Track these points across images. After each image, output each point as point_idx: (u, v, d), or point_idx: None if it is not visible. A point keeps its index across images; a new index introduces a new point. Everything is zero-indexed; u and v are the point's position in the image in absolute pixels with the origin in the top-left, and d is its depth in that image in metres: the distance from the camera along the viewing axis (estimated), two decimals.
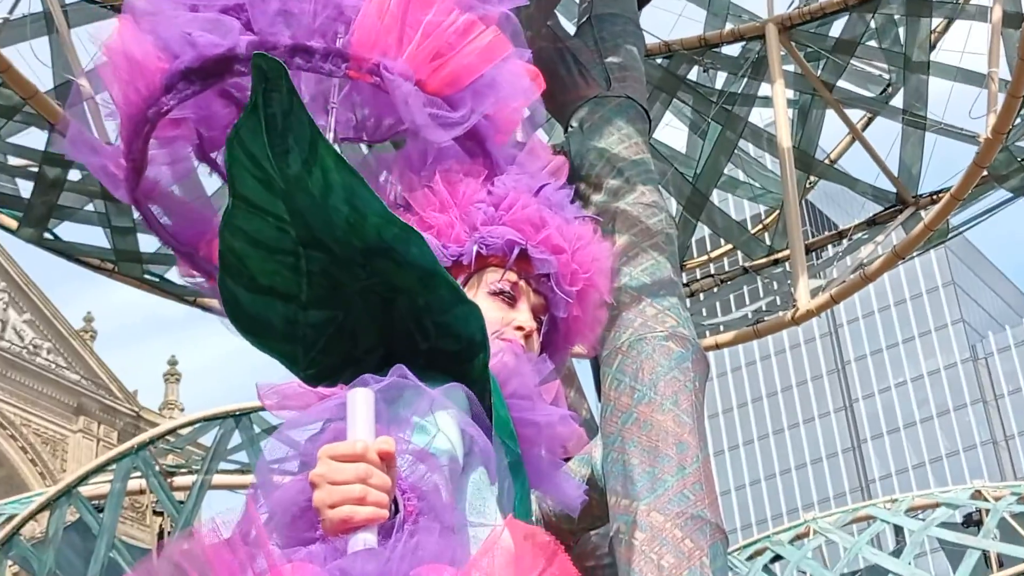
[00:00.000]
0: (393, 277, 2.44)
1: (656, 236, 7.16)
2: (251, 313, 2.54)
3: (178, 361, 43.36)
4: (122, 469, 17.39)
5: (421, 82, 2.77)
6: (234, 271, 2.49)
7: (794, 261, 12.39)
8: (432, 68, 2.78)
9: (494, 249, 2.70)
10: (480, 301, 2.63)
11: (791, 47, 13.18)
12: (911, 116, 13.51)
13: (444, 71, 2.78)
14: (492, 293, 2.69)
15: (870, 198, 14.25)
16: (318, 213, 2.39)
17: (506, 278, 2.70)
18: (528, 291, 2.71)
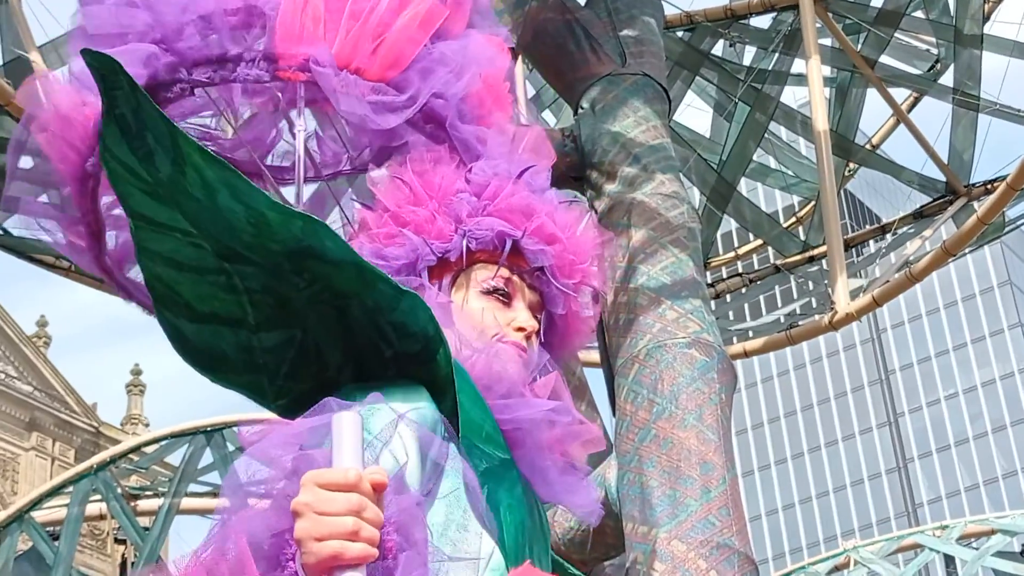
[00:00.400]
0: (332, 280, 2.44)
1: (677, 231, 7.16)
2: (200, 346, 2.55)
3: (142, 371, 43.41)
4: (80, 491, 17.37)
5: (360, 70, 2.80)
6: (168, 301, 2.50)
7: (831, 258, 12.38)
8: (368, 52, 2.80)
9: (483, 243, 2.68)
10: (473, 302, 2.65)
11: (828, 18, 13.18)
12: (962, 96, 13.51)
13: (382, 52, 2.80)
14: (485, 292, 2.68)
15: (916, 188, 14.25)
16: (213, 218, 2.39)
17: (499, 275, 2.69)
18: (523, 287, 2.71)
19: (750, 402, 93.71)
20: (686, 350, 6.59)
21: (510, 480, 2.49)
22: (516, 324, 2.66)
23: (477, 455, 2.43)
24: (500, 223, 2.68)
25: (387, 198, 2.71)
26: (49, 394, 39.50)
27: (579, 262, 2.73)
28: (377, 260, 2.61)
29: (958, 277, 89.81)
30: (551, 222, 2.71)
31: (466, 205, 2.69)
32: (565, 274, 2.72)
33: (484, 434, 2.45)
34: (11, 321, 39.32)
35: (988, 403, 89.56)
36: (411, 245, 2.65)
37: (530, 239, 2.69)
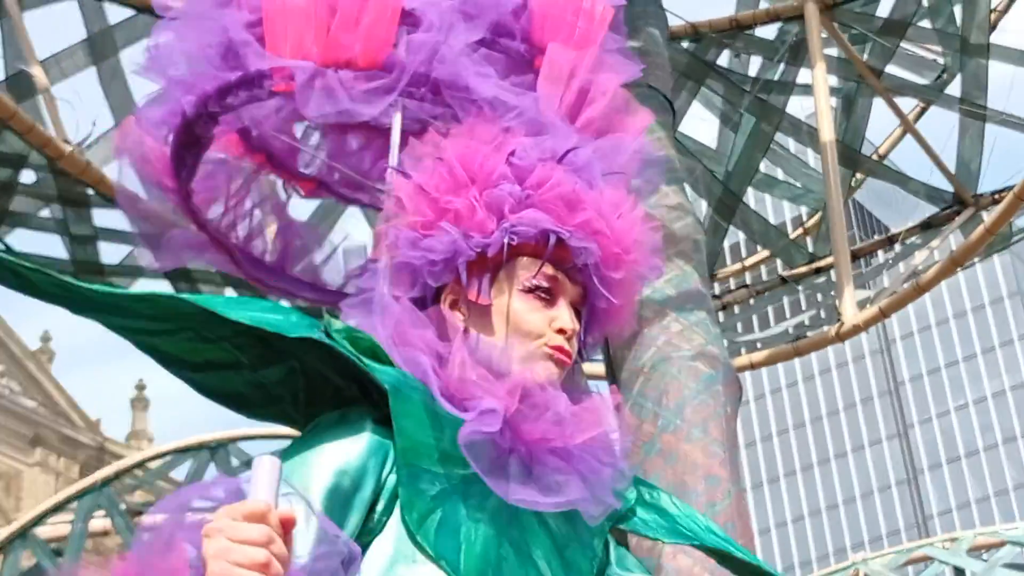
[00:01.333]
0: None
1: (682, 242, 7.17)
2: (219, 391, 2.56)
3: (146, 386, 43.46)
4: (84, 507, 17.37)
5: (351, 62, 2.79)
6: (162, 360, 2.53)
7: (839, 269, 12.38)
8: (351, 41, 2.79)
9: (525, 238, 2.57)
10: (515, 302, 2.56)
11: (833, 28, 13.19)
12: (969, 105, 13.50)
13: (362, 37, 2.79)
14: (526, 290, 2.57)
15: (924, 198, 14.25)
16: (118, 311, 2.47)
17: (543, 272, 2.58)
18: (566, 283, 2.60)
19: (759, 414, 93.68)
20: (691, 363, 6.59)
21: (478, 495, 2.42)
22: (557, 325, 2.56)
23: (427, 479, 2.39)
24: (544, 218, 2.56)
25: (426, 180, 2.60)
26: (53, 410, 39.53)
27: (625, 254, 2.62)
28: (413, 251, 2.55)
29: (967, 287, 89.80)
30: (597, 215, 2.59)
31: (508, 197, 2.56)
32: (610, 267, 2.61)
33: (438, 454, 2.40)
34: (15, 336, 39.36)
35: (998, 414, 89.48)
36: (449, 239, 2.54)
37: (575, 235, 2.57)
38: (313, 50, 2.79)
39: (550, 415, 2.44)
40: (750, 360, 12.87)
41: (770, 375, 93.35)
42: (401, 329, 2.47)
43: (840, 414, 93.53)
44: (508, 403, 2.42)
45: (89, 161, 11.62)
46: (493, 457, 2.41)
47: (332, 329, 2.46)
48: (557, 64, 2.85)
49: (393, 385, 2.40)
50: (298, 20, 2.80)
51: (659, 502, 2.69)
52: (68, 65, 12.72)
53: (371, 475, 2.39)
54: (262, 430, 17.41)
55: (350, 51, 2.77)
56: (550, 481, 2.42)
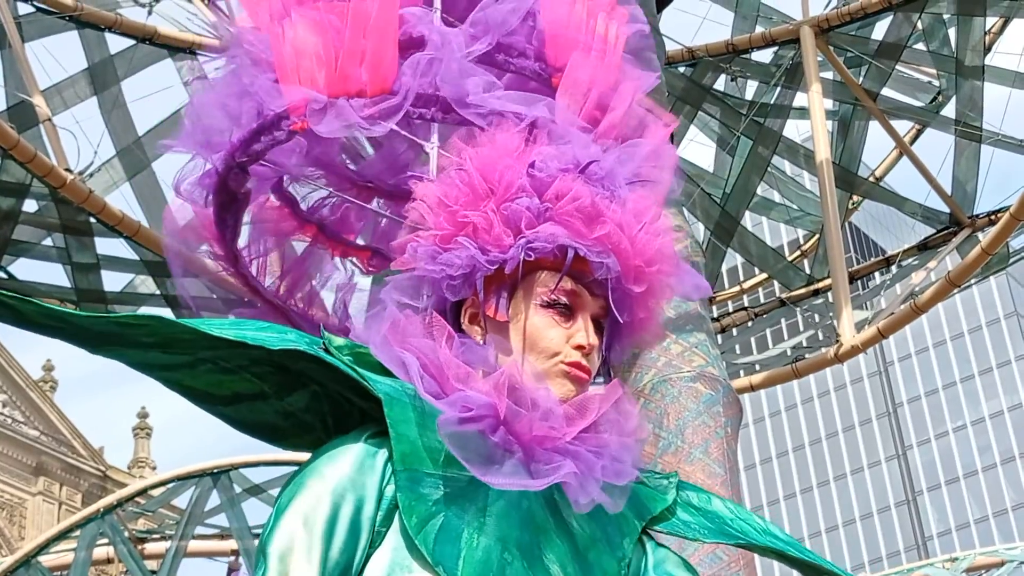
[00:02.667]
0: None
1: None
2: (253, 424, 2.58)
3: (149, 414, 43.35)
4: (87, 535, 17.36)
5: (362, 91, 2.83)
6: (192, 396, 2.54)
7: (836, 291, 12.39)
8: (360, 72, 2.83)
9: (542, 253, 2.51)
10: (532, 317, 2.52)
11: (829, 52, 13.21)
12: (965, 127, 13.53)
13: (368, 67, 2.83)
14: (545, 305, 2.53)
15: (920, 219, 14.26)
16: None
17: (561, 287, 2.53)
18: (585, 297, 2.55)
19: (758, 437, 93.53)
20: (691, 384, 6.59)
21: (483, 498, 2.40)
22: (575, 342, 2.51)
23: (429, 483, 2.38)
24: (562, 233, 2.51)
25: (446, 191, 2.56)
26: (56, 438, 39.46)
27: (646, 267, 2.56)
28: (432, 265, 2.52)
29: (964, 309, 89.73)
30: (617, 227, 2.53)
31: (525, 211, 2.52)
32: (631, 281, 2.54)
33: (441, 456, 2.38)
34: (17, 366, 39.32)
35: (997, 435, 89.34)
36: (468, 253, 2.51)
37: (594, 249, 2.52)
38: (323, 86, 2.83)
39: (540, 413, 2.41)
40: (750, 382, 12.87)
41: (769, 398, 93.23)
42: (390, 333, 2.46)
43: (839, 436, 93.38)
44: (494, 397, 2.40)
45: (91, 189, 11.64)
46: (485, 452, 2.38)
47: (332, 345, 2.45)
48: (575, 76, 2.85)
49: (386, 393, 2.40)
50: (307, 60, 2.83)
51: (708, 505, 2.66)
52: (69, 94, 12.75)
53: (372, 492, 2.38)
54: (264, 457, 17.39)
55: (359, 82, 2.80)
56: (544, 469, 2.39)
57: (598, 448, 2.44)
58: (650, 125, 2.87)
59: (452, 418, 2.36)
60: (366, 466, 2.39)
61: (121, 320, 2.44)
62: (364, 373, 2.41)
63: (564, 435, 2.41)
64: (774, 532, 2.69)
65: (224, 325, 2.46)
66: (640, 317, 2.59)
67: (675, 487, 2.63)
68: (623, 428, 2.48)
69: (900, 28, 13.37)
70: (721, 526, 2.63)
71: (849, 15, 13.10)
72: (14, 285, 12.32)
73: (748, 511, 2.73)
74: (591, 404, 2.47)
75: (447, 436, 2.36)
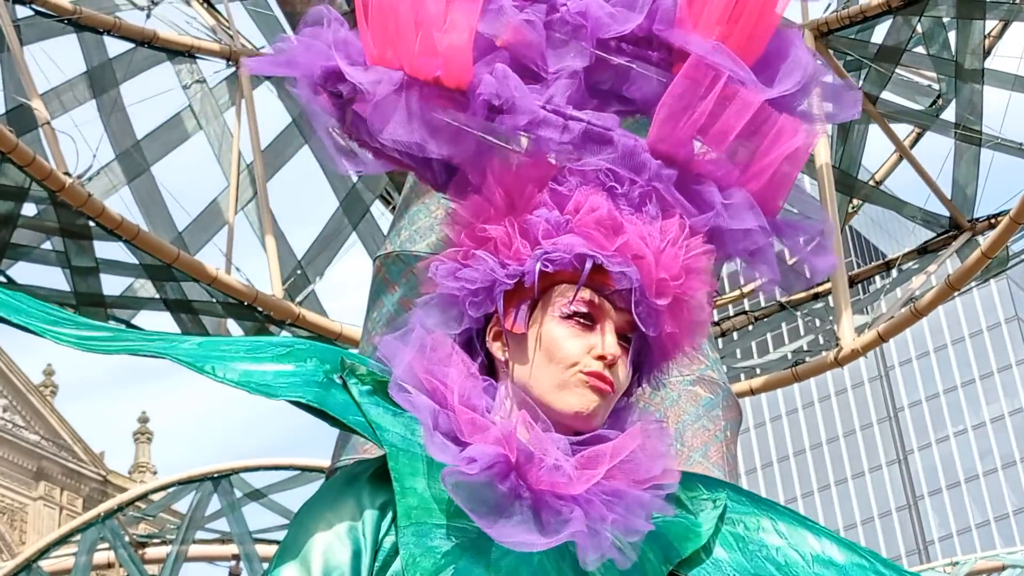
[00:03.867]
0: None
1: None
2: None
3: (149, 418, 43.41)
4: (87, 540, 17.35)
5: (439, 78, 2.55)
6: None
7: (837, 295, 12.38)
8: (432, 58, 2.56)
9: (561, 264, 2.45)
10: (551, 329, 2.45)
11: (829, 55, 13.20)
12: (964, 130, 13.52)
13: (444, 56, 2.55)
14: (565, 317, 2.46)
15: (920, 223, 14.25)
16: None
17: (580, 297, 2.46)
18: (609, 309, 2.47)
19: (759, 441, 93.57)
20: (690, 387, 6.57)
21: (497, 550, 2.33)
22: (596, 352, 2.44)
23: (439, 534, 2.33)
24: (580, 243, 2.45)
25: (467, 208, 2.52)
26: (56, 443, 39.48)
27: (671, 279, 2.46)
28: (453, 282, 2.47)
29: (965, 313, 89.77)
30: (638, 239, 2.46)
31: (543, 223, 2.47)
32: (654, 293, 2.46)
33: (453, 507, 2.32)
34: (17, 370, 39.34)
35: (998, 439, 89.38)
36: (486, 268, 2.45)
37: (613, 259, 2.45)
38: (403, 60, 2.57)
39: (549, 462, 2.34)
40: (750, 386, 12.86)
41: (770, 403, 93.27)
42: (415, 360, 2.41)
43: (840, 441, 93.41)
44: (503, 446, 2.34)
45: (90, 193, 11.63)
46: (493, 502, 2.32)
47: (353, 375, 2.43)
48: (699, 63, 2.54)
49: (393, 445, 2.36)
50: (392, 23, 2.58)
51: (756, 533, 2.55)
52: (68, 98, 12.75)
53: (369, 542, 2.36)
54: (265, 461, 17.40)
55: (432, 68, 2.54)
56: (552, 522, 2.32)
57: (611, 498, 2.36)
58: (785, 130, 2.59)
59: (457, 470, 2.31)
60: (361, 520, 2.37)
61: (133, 352, 2.46)
62: (373, 420, 2.38)
63: (574, 489, 2.34)
64: (829, 558, 2.57)
65: (235, 354, 2.45)
66: (668, 332, 2.50)
67: (719, 515, 2.52)
68: (644, 473, 2.40)
69: (900, 32, 13.37)
70: (760, 564, 2.51)
71: (848, 19, 13.10)
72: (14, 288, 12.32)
73: (805, 529, 2.60)
74: (603, 455, 2.39)
75: (452, 487, 2.30)
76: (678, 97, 2.51)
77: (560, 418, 2.42)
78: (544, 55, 2.57)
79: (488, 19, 2.55)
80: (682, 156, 2.53)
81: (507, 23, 2.56)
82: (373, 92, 2.53)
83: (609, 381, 2.43)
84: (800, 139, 2.57)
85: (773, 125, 2.56)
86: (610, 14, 2.57)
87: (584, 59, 2.56)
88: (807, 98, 2.64)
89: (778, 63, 2.61)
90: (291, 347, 2.51)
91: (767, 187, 2.58)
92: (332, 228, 14.53)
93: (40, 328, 2.47)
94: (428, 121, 2.53)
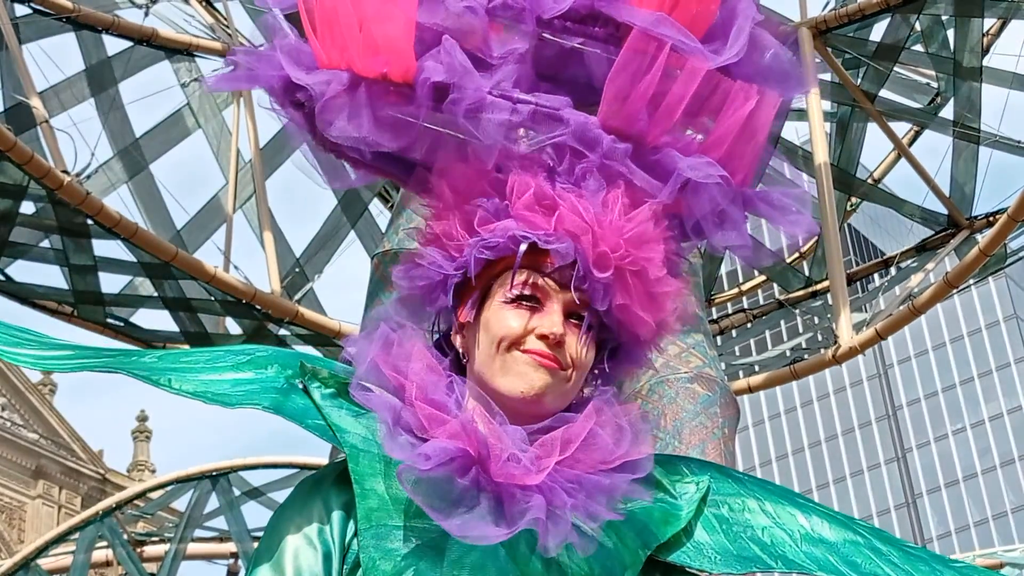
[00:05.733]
0: None
1: None
2: None
3: (148, 417, 43.39)
4: (86, 538, 17.35)
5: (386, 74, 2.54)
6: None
7: (835, 293, 12.37)
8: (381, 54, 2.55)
9: (500, 250, 2.44)
10: (495, 314, 2.44)
11: (827, 53, 13.20)
12: (963, 128, 13.52)
13: (380, 47, 2.54)
14: (508, 302, 2.44)
15: (919, 221, 14.26)
16: None
17: (521, 280, 2.43)
18: (554, 289, 2.44)
19: (758, 439, 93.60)
20: (688, 385, 6.57)
21: (459, 547, 2.32)
22: (539, 331, 2.41)
23: (399, 536, 2.31)
24: (514, 225, 2.44)
25: (429, 214, 2.51)
26: (55, 441, 39.48)
27: (612, 250, 2.43)
28: (407, 282, 2.48)
29: (963, 312, 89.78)
30: (573, 214, 2.44)
31: (480, 211, 2.46)
32: (595, 266, 2.42)
33: (413, 507, 2.31)
34: (16, 369, 39.32)
35: (996, 437, 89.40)
36: (435, 263, 2.46)
37: (547, 237, 2.43)
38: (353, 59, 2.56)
39: (504, 455, 2.32)
40: (748, 384, 12.85)
41: (768, 401, 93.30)
42: (380, 356, 2.40)
43: (838, 439, 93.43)
44: (462, 439, 2.32)
45: (88, 191, 11.62)
46: (452, 497, 2.30)
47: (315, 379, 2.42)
48: (644, 35, 2.52)
49: (353, 446, 2.35)
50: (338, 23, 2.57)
51: (740, 513, 2.52)
52: (67, 96, 12.75)
53: (336, 545, 2.36)
54: (263, 459, 17.40)
55: (382, 63, 2.53)
56: (513, 513, 2.30)
57: (573, 484, 2.35)
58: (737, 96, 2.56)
59: (414, 468, 2.30)
60: (333, 518, 2.37)
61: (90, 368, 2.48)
62: (334, 423, 2.37)
63: (532, 479, 2.32)
64: (819, 535, 2.53)
65: (194, 365, 2.45)
66: (619, 304, 2.45)
67: (700, 497, 2.49)
68: (607, 455, 2.38)
69: (898, 30, 13.37)
70: (743, 545, 2.47)
71: (847, 16, 13.09)
72: (12, 287, 12.31)
73: (795, 508, 2.55)
74: (556, 442, 2.37)
75: (409, 483, 2.29)
76: (624, 71, 2.49)
77: (511, 403, 2.39)
78: (488, 41, 2.54)
79: (427, 9, 2.53)
80: (636, 130, 2.50)
81: (447, 11, 2.53)
82: (322, 92, 2.51)
83: (553, 357, 2.41)
84: (752, 104, 2.54)
85: (726, 93, 2.54)
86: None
87: (527, 41, 2.54)
88: (764, 64, 2.62)
89: (727, 32, 2.57)
90: (251, 355, 2.50)
91: (729, 155, 2.55)
92: (330, 226, 14.53)
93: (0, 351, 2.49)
94: (377, 117, 2.52)
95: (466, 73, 2.50)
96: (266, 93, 2.58)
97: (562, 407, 2.44)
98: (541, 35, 2.57)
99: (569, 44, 2.57)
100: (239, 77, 2.63)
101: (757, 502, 2.54)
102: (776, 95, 2.62)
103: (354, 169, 2.68)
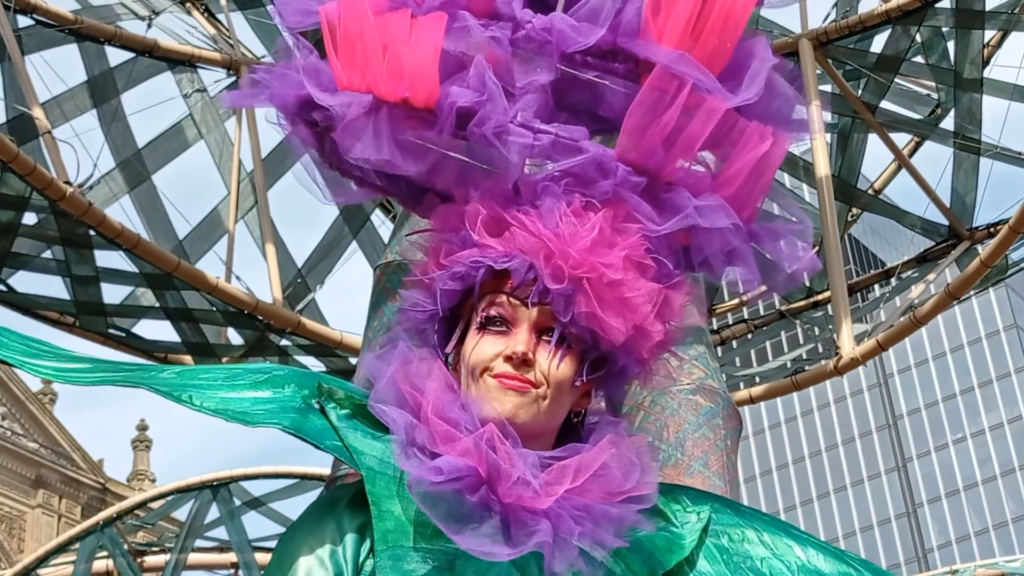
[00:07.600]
0: None
1: None
2: None
3: (148, 426, 43.34)
4: (86, 548, 17.34)
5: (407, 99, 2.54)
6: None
7: (836, 304, 12.38)
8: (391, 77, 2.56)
9: (466, 279, 2.48)
10: (471, 342, 2.47)
11: (828, 64, 13.22)
12: (963, 139, 13.54)
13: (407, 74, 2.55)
14: (479, 328, 2.47)
15: (919, 232, 14.27)
16: None
17: (487, 305, 2.46)
18: (522, 309, 2.46)
19: (758, 449, 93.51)
20: (691, 396, 6.58)
21: (474, 570, 2.34)
22: (504, 353, 2.44)
23: (416, 557, 2.33)
24: (474, 253, 2.46)
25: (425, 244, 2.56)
26: (55, 451, 39.45)
27: (566, 262, 2.43)
28: (404, 319, 2.53)
29: (964, 322, 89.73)
30: (524, 231, 2.46)
31: (445, 244, 2.50)
32: (555, 279, 2.43)
33: (429, 529, 2.33)
34: (16, 378, 39.30)
35: (996, 447, 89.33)
36: (416, 304, 2.51)
37: (499, 258, 2.45)
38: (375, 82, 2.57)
39: (515, 477, 2.34)
40: (749, 394, 12.86)
41: (769, 411, 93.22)
42: (398, 374, 2.43)
43: (839, 448, 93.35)
44: (473, 458, 2.35)
45: (91, 202, 11.64)
46: (461, 513, 2.32)
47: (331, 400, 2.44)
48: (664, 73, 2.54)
49: (370, 468, 2.37)
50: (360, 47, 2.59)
51: (740, 544, 2.55)
52: (69, 107, 12.77)
53: (349, 567, 2.38)
54: (264, 469, 17.39)
55: (405, 87, 2.54)
56: (520, 535, 2.33)
57: (581, 512, 2.37)
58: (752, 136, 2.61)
59: (425, 480, 2.32)
60: (346, 540, 2.39)
61: (111, 382, 2.49)
62: (351, 444, 2.39)
63: (540, 504, 2.34)
64: (815, 567, 2.55)
65: (213, 382, 2.46)
66: (585, 312, 2.44)
67: (702, 528, 2.51)
68: (617, 486, 2.40)
69: (899, 41, 13.39)
70: (744, 574, 2.51)
71: (848, 28, 13.12)
72: (13, 298, 12.33)
73: (791, 539, 2.58)
74: (569, 469, 2.39)
75: (420, 497, 2.31)
76: (644, 106, 2.51)
77: (500, 427, 2.40)
78: (511, 71, 2.56)
79: (453, 37, 2.54)
80: (652, 165, 2.52)
81: (472, 39, 2.55)
82: (343, 114, 2.52)
83: (520, 377, 2.43)
84: (767, 145, 2.59)
85: (741, 132, 2.57)
86: (574, 27, 2.57)
87: (550, 73, 2.57)
88: (776, 106, 2.67)
89: (744, 71, 2.61)
90: (269, 373, 2.51)
91: (739, 192, 2.57)
92: (332, 236, 14.55)
93: (18, 361, 2.48)
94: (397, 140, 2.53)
95: (493, 95, 2.51)
96: (277, 109, 2.60)
97: (549, 424, 2.47)
98: (563, 69, 2.58)
99: (585, 77, 2.59)
100: (257, 94, 2.63)
101: (755, 532, 2.57)
102: (789, 137, 2.68)
103: (357, 186, 2.71)
